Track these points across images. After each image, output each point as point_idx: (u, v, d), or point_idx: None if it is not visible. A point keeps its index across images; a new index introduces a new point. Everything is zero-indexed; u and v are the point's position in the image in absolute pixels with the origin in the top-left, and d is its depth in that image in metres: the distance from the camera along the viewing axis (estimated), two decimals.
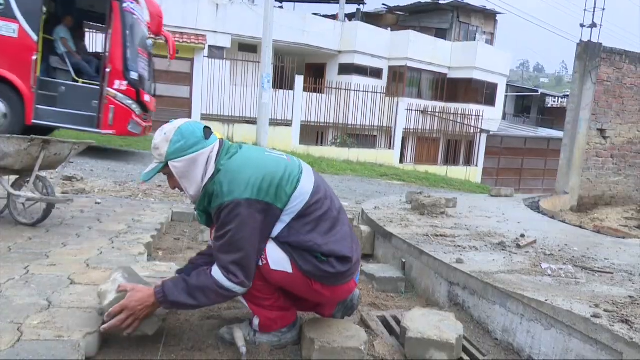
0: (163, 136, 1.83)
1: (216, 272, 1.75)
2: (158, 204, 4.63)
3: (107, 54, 6.91)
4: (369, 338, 1.99)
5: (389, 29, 24.43)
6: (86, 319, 1.83)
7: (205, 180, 1.82)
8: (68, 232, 3.16)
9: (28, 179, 3.20)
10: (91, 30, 10.36)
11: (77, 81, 6.97)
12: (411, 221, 3.85)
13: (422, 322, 2.03)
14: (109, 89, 6.80)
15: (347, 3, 24.36)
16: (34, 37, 6.52)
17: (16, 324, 1.75)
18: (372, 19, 26.53)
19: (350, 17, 26.04)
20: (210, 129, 1.90)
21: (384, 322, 2.32)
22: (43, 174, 3.39)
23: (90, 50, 8.98)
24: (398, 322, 2.25)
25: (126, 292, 1.77)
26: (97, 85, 7.01)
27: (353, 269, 1.88)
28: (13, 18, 6.38)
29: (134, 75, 7.02)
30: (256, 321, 1.92)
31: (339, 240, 1.82)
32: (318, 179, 1.93)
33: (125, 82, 6.88)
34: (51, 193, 3.28)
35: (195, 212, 1.92)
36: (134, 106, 7.08)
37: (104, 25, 7.58)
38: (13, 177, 3.38)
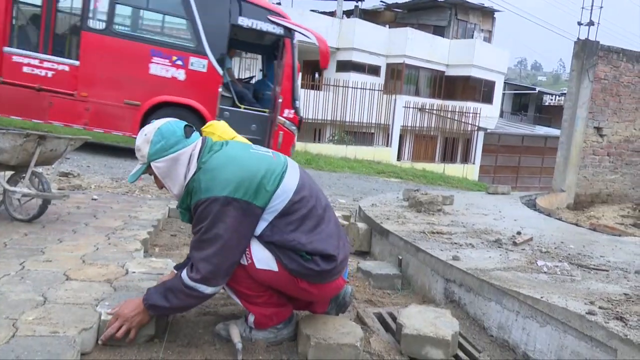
0: (144, 137, 1.83)
1: (184, 271, 1.76)
2: (155, 201, 4.62)
3: (279, 85, 7.57)
4: (365, 334, 1.99)
5: (387, 26, 24.39)
6: (82, 315, 1.83)
7: (188, 178, 1.82)
8: (64, 228, 3.15)
9: (24, 175, 3.19)
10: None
11: (239, 107, 7.49)
12: (408, 218, 3.86)
13: (418, 319, 2.03)
14: (279, 117, 7.49)
15: (345, 0, 24.30)
16: (220, 71, 7.23)
17: (11, 320, 1.74)
18: (370, 16, 26.48)
19: (348, 14, 25.98)
20: (192, 127, 1.89)
21: (380, 318, 2.32)
22: (39, 169, 3.37)
23: None
24: (394, 318, 2.25)
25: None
26: (256, 110, 7.61)
27: (339, 267, 1.86)
28: (204, 55, 7.12)
29: (298, 104, 7.82)
30: (251, 318, 1.92)
31: (323, 238, 1.80)
32: (304, 176, 1.91)
33: (292, 111, 7.66)
34: (47, 189, 3.26)
35: (178, 210, 1.92)
36: (296, 131, 7.87)
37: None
38: (9, 173, 3.37)
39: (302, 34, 7.63)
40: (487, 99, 25.03)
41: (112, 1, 6.77)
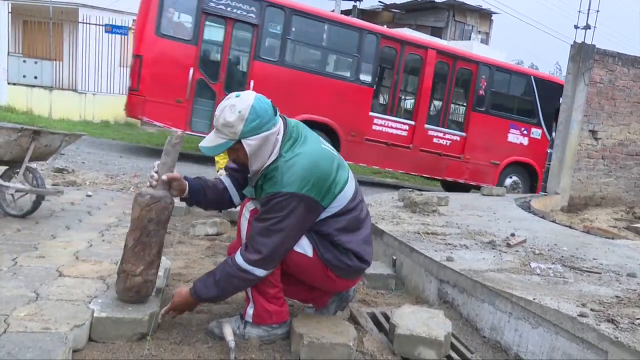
0: (238, 114, 1.78)
1: (237, 255, 1.84)
2: None
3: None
4: (358, 334, 1.99)
5: (385, 26, 24.39)
6: (74, 311, 1.82)
7: (270, 161, 1.83)
8: (58, 224, 3.14)
9: (18, 170, 3.17)
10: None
11: None
12: (403, 219, 3.87)
13: (412, 319, 2.04)
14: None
15: (343, 0, 24.28)
16: (549, 137, 9.66)
17: (3, 316, 1.73)
18: (368, 16, 26.46)
19: (346, 13, 25.95)
20: (273, 105, 1.90)
21: (374, 318, 2.33)
22: (33, 165, 3.36)
23: None
24: (387, 318, 2.25)
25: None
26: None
27: (366, 270, 2.04)
28: (540, 126, 9.73)
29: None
30: (250, 311, 1.93)
31: (360, 243, 1.95)
32: (356, 183, 2.03)
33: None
34: (41, 184, 3.25)
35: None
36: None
37: None
38: (2, 168, 3.35)
39: None
40: None
41: (487, 87, 9.36)
